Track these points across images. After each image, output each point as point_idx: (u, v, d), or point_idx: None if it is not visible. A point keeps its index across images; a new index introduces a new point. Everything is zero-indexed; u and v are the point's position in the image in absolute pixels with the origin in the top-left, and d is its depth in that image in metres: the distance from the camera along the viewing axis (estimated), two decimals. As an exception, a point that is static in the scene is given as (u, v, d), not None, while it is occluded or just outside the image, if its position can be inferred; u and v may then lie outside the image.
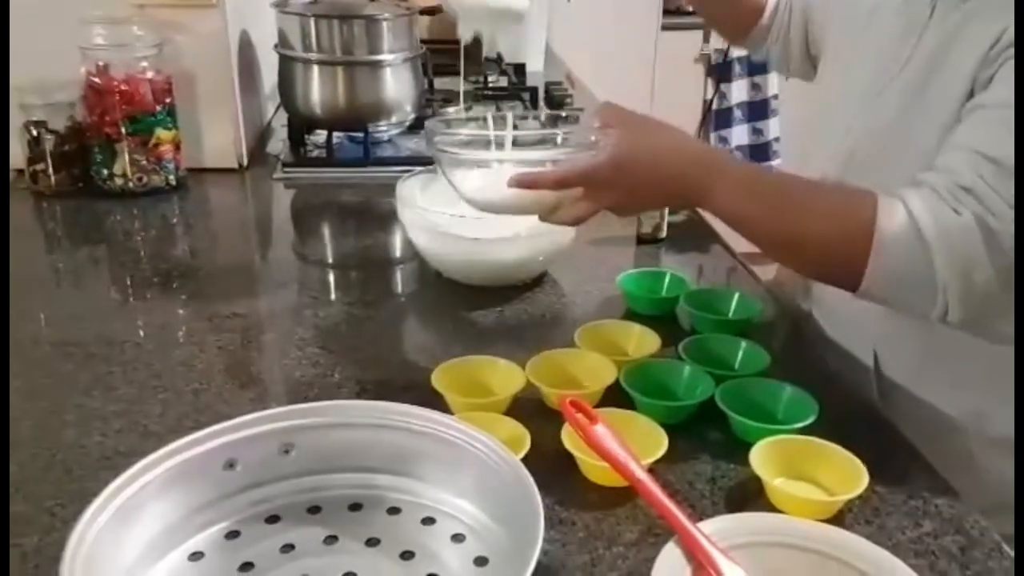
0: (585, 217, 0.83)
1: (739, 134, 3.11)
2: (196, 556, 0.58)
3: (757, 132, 3.12)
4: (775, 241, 0.81)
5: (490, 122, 0.94)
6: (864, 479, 0.64)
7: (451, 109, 0.93)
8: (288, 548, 0.59)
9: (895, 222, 0.72)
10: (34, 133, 1.22)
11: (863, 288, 0.75)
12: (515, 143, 0.92)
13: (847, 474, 0.65)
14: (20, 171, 1.27)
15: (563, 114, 0.99)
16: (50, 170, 1.24)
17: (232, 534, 0.60)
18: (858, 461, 0.66)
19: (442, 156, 0.88)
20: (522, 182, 0.81)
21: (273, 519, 0.61)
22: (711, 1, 1.18)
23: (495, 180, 0.85)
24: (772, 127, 3.11)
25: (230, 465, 0.60)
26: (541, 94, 1.78)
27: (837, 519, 0.64)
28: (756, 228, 0.80)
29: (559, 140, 0.93)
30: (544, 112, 0.98)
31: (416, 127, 1.50)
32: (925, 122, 0.81)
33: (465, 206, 0.92)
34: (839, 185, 0.80)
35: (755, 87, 3.08)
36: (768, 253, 0.84)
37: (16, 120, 1.22)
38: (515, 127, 0.95)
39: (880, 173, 0.84)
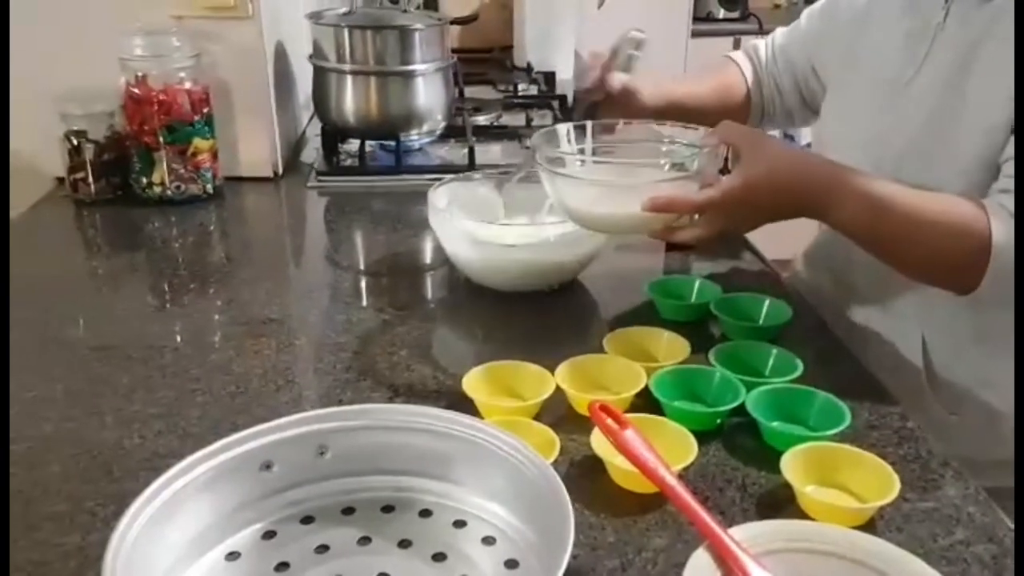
0: (707, 237, 0.84)
1: (770, 141, 3.09)
2: (233, 556, 0.59)
3: (789, 138, 3.09)
4: (894, 253, 0.84)
5: (571, 134, 0.94)
6: (896, 486, 0.64)
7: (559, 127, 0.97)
8: (323, 549, 0.60)
9: (1006, 231, 0.76)
10: (74, 142, 1.25)
11: (977, 292, 0.78)
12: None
13: (878, 481, 0.65)
14: (61, 179, 1.30)
15: (619, 122, 1.01)
16: (90, 178, 1.27)
17: (268, 534, 0.61)
18: (889, 468, 0.66)
19: (554, 180, 0.88)
20: (659, 206, 0.81)
21: (308, 520, 0.62)
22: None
23: (612, 203, 0.85)
24: (805, 133, 3.08)
25: (267, 466, 0.61)
26: (570, 102, 1.78)
27: (868, 526, 0.64)
28: (875, 242, 0.83)
29: (663, 161, 0.93)
30: (623, 121, 1.00)
31: (447, 135, 1.52)
32: (964, 122, 0.82)
33: (491, 213, 0.93)
34: (949, 196, 0.81)
35: (787, 94, 3.07)
36: (886, 263, 0.86)
37: (57, 130, 1.25)
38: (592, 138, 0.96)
39: (917, 172, 0.84)
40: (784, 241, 0.90)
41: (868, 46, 0.95)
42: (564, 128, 0.96)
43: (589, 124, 0.98)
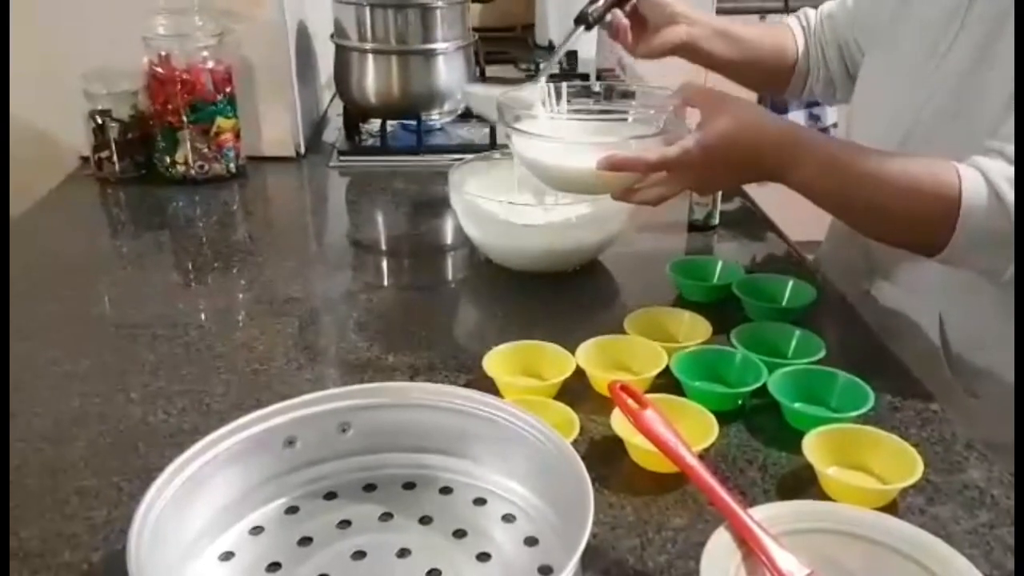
0: (668, 197, 0.84)
1: (796, 120, 3.05)
2: (257, 530, 0.60)
3: (814, 118, 3.05)
4: (858, 213, 0.83)
5: (550, 93, 0.94)
6: (918, 468, 0.64)
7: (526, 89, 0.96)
8: (345, 524, 0.61)
9: (977, 191, 0.75)
10: (99, 121, 1.26)
11: (944, 254, 0.77)
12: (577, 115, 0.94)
13: (901, 463, 0.65)
14: (86, 158, 1.31)
15: (620, 86, 1.01)
16: (114, 157, 1.28)
17: (291, 509, 0.62)
18: (912, 450, 0.66)
19: (517, 136, 0.89)
20: (613, 165, 0.81)
21: (330, 496, 0.63)
22: (742, 73, 1.14)
23: (573, 160, 0.85)
24: (830, 113, 3.04)
25: (290, 443, 0.62)
26: (593, 81, 1.77)
27: (891, 508, 0.64)
28: (838, 203, 0.82)
29: (630, 118, 0.93)
30: (600, 84, 1.00)
31: (468, 115, 1.51)
32: (989, 96, 0.81)
33: (518, 192, 0.92)
34: (916, 156, 0.81)
35: (812, 72, 3.03)
36: (850, 224, 0.86)
37: (82, 109, 1.26)
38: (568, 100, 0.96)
39: (944, 150, 0.84)
40: (814, 222, 0.89)
41: (909, 22, 0.94)
42: (541, 87, 0.95)
43: (565, 85, 0.97)
